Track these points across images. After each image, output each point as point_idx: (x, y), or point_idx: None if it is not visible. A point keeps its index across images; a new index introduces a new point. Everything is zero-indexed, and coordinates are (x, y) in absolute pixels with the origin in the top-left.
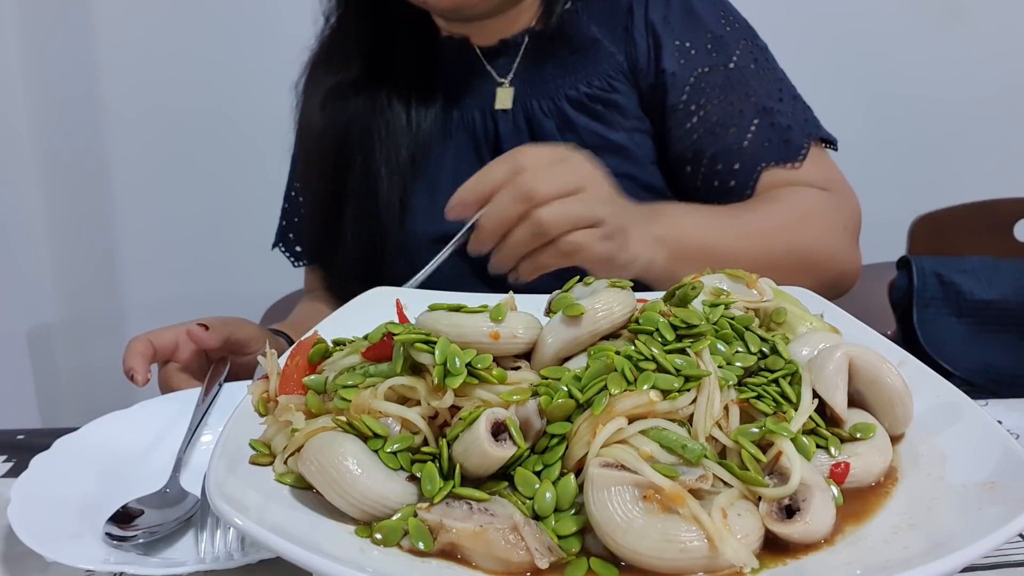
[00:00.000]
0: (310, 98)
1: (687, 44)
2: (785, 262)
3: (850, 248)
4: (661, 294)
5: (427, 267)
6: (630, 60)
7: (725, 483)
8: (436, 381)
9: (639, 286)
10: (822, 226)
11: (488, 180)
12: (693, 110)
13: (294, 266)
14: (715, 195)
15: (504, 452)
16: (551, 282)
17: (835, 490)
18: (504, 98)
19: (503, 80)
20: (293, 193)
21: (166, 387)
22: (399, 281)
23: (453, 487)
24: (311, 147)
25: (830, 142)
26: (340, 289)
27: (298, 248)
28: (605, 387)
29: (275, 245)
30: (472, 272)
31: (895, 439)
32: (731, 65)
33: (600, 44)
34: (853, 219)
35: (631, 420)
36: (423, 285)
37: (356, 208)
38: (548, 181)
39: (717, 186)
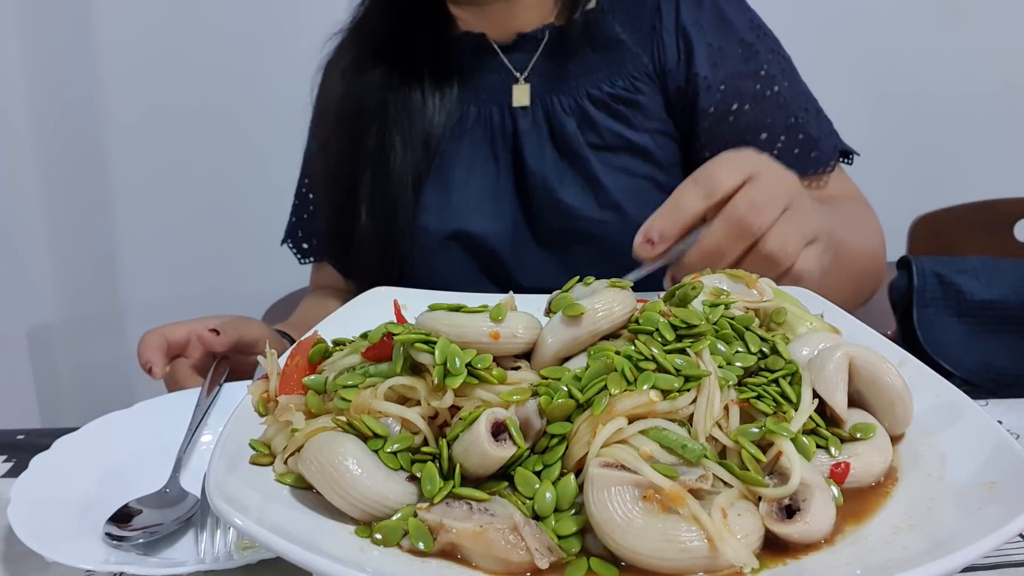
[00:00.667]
0: (330, 74)
1: (720, 49)
2: (873, 265)
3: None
4: (661, 294)
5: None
6: (657, 62)
7: (725, 483)
8: (436, 381)
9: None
10: (880, 234)
11: (686, 209)
12: (724, 115)
13: (300, 263)
14: None
15: (504, 452)
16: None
17: (835, 490)
18: (521, 95)
19: (519, 76)
20: (304, 189)
21: (173, 382)
22: (411, 279)
23: (453, 487)
24: (328, 124)
25: (849, 155)
26: (352, 287)
27: (305, 245)
28: (605, 387)
29: (284, 241)
30: (472, 271)
31: (895, 439)
32: (762, 73)
33: (624, 44)
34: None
35: (631, 420)
36: (425, 285)
37: (369, 182)
38: (758, 208)
39: None
